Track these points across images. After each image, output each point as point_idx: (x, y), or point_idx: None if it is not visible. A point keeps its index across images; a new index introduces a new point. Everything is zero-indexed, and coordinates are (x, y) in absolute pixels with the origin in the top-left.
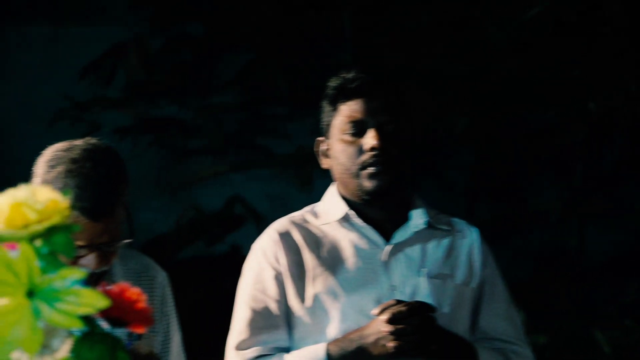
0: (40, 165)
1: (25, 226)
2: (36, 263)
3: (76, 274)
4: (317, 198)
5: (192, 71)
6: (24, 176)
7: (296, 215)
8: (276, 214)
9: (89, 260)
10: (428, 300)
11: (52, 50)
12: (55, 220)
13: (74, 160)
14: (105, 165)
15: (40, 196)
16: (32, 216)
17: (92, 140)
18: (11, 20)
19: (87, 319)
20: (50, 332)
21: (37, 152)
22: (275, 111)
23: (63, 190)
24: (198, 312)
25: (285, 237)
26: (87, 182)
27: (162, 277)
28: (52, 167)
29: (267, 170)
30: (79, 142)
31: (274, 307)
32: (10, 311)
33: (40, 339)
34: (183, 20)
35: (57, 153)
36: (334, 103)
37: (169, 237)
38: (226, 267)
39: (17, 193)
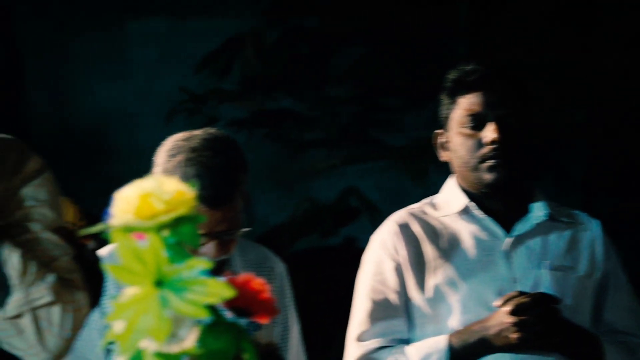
0: (161, 155)
1: (153, 217)
2: (164, 253)
3: (203, 264)
4: (431, 191)
5: (307, 64)
6: (144, 168)
7: (415, 207)
8: (390, 206)
9: (209, 248)
10: (550, 292)
11: (170, 44)
12: (181, 210)
13: (193, 149)
14: (224, 153)
15: (167, 187)
16: (159, 207)
17: (211, 130)
18: (131, 14)
19: (213, 309)
20: (178, 321)
21: (155, 145)
22: (390, 103)
23: (183, 179)
24: (313, 303)
25: (404, 228)
26: (206, 170)
27: (280, 268)
28: (172, 156)
29: (382, 162)
30: (198, 131)
31: (393, 298)
32: (139, 300)
33: (168, 328)
34: (299, 13)
35: (177, 142)
36: (453, 96)
37: (283, 229)
38: (340, 259)
39: (145, 184)
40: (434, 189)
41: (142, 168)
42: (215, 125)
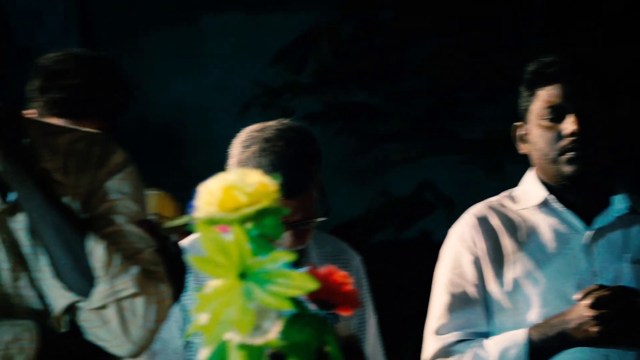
0: (236, 146)
1: (237, 209)
2: (247, 245)
3: (286, 256)
4: (507, 184)
5: (382, 57)
6: (219, 162)
7: (493, 200)
8: (465, 200)
9: (284, 238)
10: (631, 286)
11: (245, 38)
12: (264, 203)
13: (267, 140)
14: (297, 143)
15: (251, 180)
16: (243, 199)
17: (285, 121)
18: (207, 8)
19: (296, 301)
20: (261, 313)
21: (230, 139)
22: (465, 96)
23: (257, 169)
24: (388, 296)
25: (482, 221)
26: (280, 160)
27: (356, 261)
28: (246, 147)
29: (456, 156)
30: (272, 122)
31: (472, 291)
32: (223, 292)
33: (252, 320)
34: (374, 6)
35: (251, 134)
36: (532, 88)
37: (358, 222)
38: (416, 253)
39: (229, 177)
40: (509, 183)
41: (217, 162)
42: (291, 118)
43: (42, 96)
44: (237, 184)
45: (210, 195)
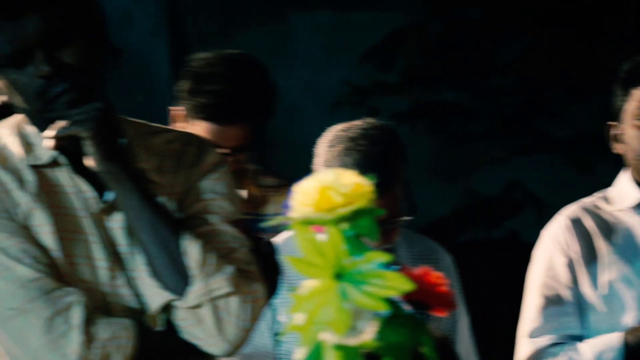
0: (322, 146)
1: (332, 209)
2: (343, 246)
3: (382, 257)
4: (598, 184)
5: (471, 55)
6: (307, 159)
7: (587, 201)
8: (555, 200)
9: None
10: None
11: (334, 36)
12: (360, 203)
13: (351, 139)
14: (381, 142)
15: (346, 180)
16: (338, 200)
17: (370, 120)
18: (296, 6)
19: (391, 302)
20: (357, 314)
21: (318, 137)
22: (555, 94)
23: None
24: (476, 296)
25: (576, 223)
26: (364, 159)
27: (447, 260)
28: (332, 146)
29: (546, 155)
30: (357, 122)
31: (566, 294)
32: (319, 293)
33: (347, 320)
34: (463, 4)
35: (336, 133)
36: (627, 87)
37: (446, 221)
38: (504, 252)
39: (324, 177)
40: (600, 182)
41: (305, 160)
42: (379, 117)
43: (190, 99)
44: (333, 184)
45: (306, 195)
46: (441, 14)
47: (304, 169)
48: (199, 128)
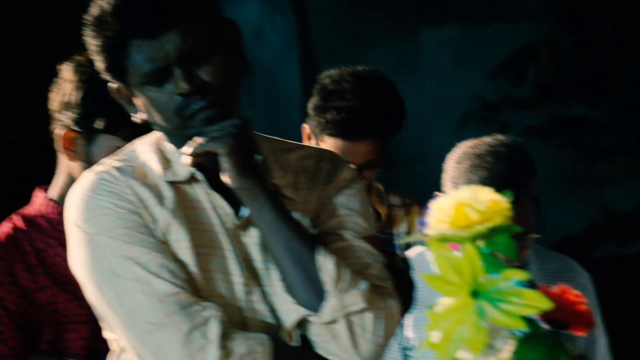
0: (449, 163)
1: (468, 227)
2: (479, 263)
3: (520, 274)
4: None
5: (603, 69)
6: (436, 173)
7: None
8: None
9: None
10: None
11: (463, 51)
12: (496, 220)
13: (478, 156)
14: (509, 158)
15: (483, 197)
16: (474, 217)
17: (498, 136)
18: (426, 22)
19: (529, 320)
20: (494, 332)
21: (445, 152)
22: None
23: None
24: (612, 313)
25: None
26: (490, 175)
27: (584, 278)
28: (459, 163)
29: None
30: (486, 138)
31: None
32: (455, 310)
33: (484, 338)
34: (596, 18)
35: (464, 150)
36: None
37: (579, 237)
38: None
39: (460, 194)
40: None
41: (434, 175)
42: (509, 133)
43: (319, 115)
44: (469, 201)
45: (442, 212)
46: (573, 27)
47: (434, 184)
48: (328, 144)
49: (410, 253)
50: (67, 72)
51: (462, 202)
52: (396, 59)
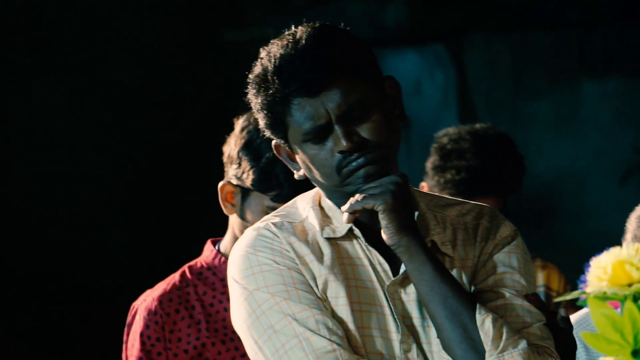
0: (632, 220)
1: (629, 284)
2: None
3: None
4: None
5: None
6: (596, 230)
7: None
8: None
9: None
10: None
11: (625, 103)
12: None
13: None
14: None
15: None
16: (635, 275)
17: None
18: (588, 73)
19: None
20: None
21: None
22: None
23: None
24: None
25: None
26: None
27: None
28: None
29: None
30: None
31: None
32: None
33: None
34: None
35: None
36: None
37: None
38: None
39: (621, 251)
40: None
41: (590, 229)
42: None
43: (438, 175)
44: (629, 258)
45: (602, 269)
46: None
47: (595, 239)
48: None
49: (578, 312)
50: (236, 126)
51: (622, 260)
52: (556, 111)
